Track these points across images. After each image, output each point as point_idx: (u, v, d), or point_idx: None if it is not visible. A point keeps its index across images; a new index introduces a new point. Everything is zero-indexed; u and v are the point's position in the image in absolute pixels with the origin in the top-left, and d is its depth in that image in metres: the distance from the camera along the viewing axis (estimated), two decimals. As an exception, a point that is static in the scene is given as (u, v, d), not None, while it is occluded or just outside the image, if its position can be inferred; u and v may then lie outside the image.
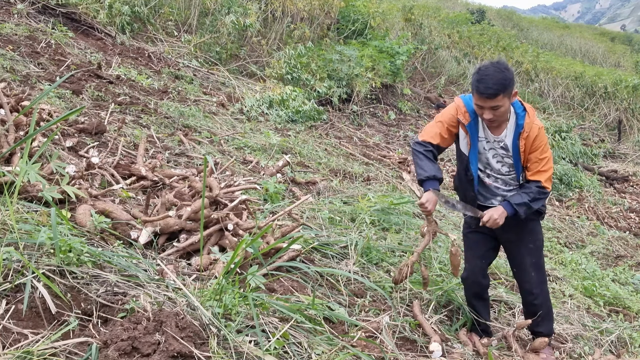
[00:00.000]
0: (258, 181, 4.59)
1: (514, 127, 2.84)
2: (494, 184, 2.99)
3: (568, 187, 9.64)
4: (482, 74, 2.67)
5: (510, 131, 2.85)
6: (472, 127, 2.89)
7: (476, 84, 2.68)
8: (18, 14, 7.58)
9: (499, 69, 2.66)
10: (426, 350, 2.77)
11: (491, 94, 2.64)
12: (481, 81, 2.65)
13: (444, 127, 2.94)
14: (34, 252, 2.18)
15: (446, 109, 3.00)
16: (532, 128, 2.80)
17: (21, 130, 3.56)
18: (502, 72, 2.65)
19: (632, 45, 31.90)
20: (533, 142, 2.81)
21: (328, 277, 3.20)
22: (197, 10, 10.59)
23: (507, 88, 2.66)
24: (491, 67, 2.67)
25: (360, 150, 8.39)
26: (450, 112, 2.94)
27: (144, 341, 1.89)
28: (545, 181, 2.86)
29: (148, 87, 7.17)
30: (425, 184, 2.85)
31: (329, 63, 10.52)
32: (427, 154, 2.90)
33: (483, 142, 2.92)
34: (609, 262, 6.21)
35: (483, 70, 2.68)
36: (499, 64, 2.68)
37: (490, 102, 2.67)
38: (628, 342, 3.63)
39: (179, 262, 2.85)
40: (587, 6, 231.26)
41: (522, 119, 2.81)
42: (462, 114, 2.89)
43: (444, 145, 2.97)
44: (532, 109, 2.85)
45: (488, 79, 2.64)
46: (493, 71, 2.65)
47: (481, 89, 2.65)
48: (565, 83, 16.44)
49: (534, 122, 2.82)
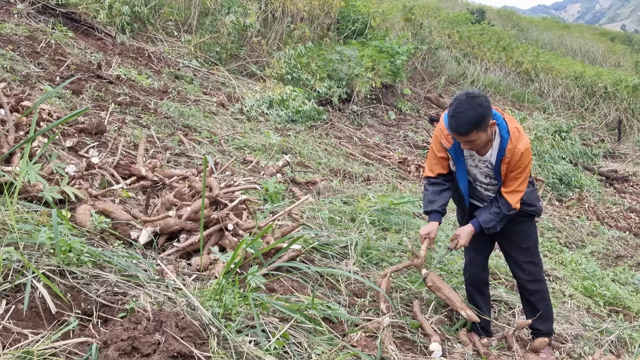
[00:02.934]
0: (258, 181, 4.59)
1: (498, 149, 2.82)
2: (485, 193, 3.06)
3: (568, 187, 9.64)
4: (455, 110, 2.60)
5: (495, 151, 2.83)
6: (456, 149, 2.90)
7: (449, 120, 2.64)
8: (18, 14, 7.58)
9: (471, 105, 2.57)
10: (426, 350, 2.77)
11: (463, 133, 2.62)
12: (453, 118, 2.61)
13: (435, 156, 3.00)
14: (34, 252, 2.18)
15: (433, 138, 3.03)
16: (514, 153, 2.76)
17: (21, 131, 3.56)
18: (474, 109, 2.57)
19: (632, 45, 31.91)
20: (515, 164, 2.80)
21: (328, 277, 3.20)
22: (197, 10, 10.59)
23: (480, 124, 2.60)
24: (465, 103, 2.59)
25: (360, 150, 8.39)
26: (435, 136, 2.98)
27: (144, 341, 1.89)
28: (516, 203, 2.90)
29: (148, 87, 7.17)
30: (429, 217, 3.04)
31: (329, 63, 10.52)
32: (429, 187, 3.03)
33: (469, 160, 2.96)
34: (609, 262, 6.21)
35: (456, 106, 2.61)
36: (474, 100, 2.58)
37: (464, 138, 2.66)
38: (628, 342, 3.63)
39: (179, 262, 2.85)
40: (587, 6, 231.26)
41: (505, 143, 2.76)
42: (444, 137, 2.88)
43: (445, 171, 3.02)
44: (517, 130, 2.77)
45: (460, 117, 2.58)
46: (466, 108, 2.57)
47: (453, 127, 2.63)
48: (565, 83, 16.44)
49: (516, 147, 2.75)
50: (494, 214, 2.91)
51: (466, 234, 2.99)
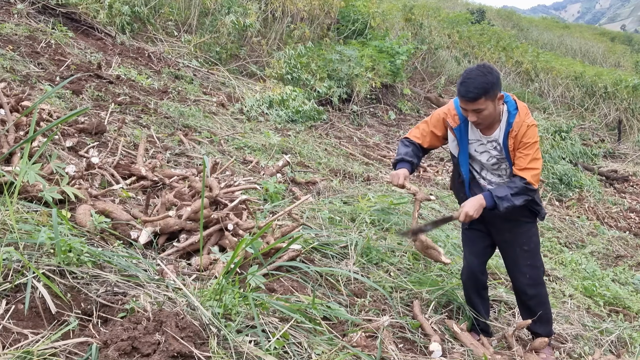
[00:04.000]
0: (258, 181, 4.59)
1: (505, 125, 2.82)
2: (488, 187, 2.97)
3: (568, 187, 9.64)
4: (465, 77, 2.66)
5: (502, 130, 2.83)
6: (462, 130, 2.89)
7: (459, 87, 2.68)
8: (18, 14, 7.58)
9: (482, 72, 2.64)
10: (426, 350, 2.77)
11: (472, 98, 2.63)
12: (463, 84, 2.65)
13: (427, 127, 2.99)
14: (34, 252, 2.18)
15: (436, 110, 3.01)
16: (522, 126, 2.77)
17: (21, 130, 3.56)
18: (484, 76, 2.63)
19: (632, 45, 31.92)
20: (521, 139, 2.78)
21: (328, 277, 3.21)
22: (197, 10, 10.59)
23: (489, 92, 2.63)
24: (475, 70, 2.67)
25: (360, 150, 8.39)
26: (439, 114, 2.96)
27: (144, 341, 1.89)
28: (531, 177, 2.77)
29: (148, 87, 7.17)
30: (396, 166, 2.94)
31: (329, 63, 10.52)
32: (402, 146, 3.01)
33: (475, 144, 2.91)
34: (609, 262, 6.21)
35: (467, 73, 2.68)
36: (484, 67, 2.67)
37: (472, 105, 2.67)
38: (628, 342, 3.62)
39: (179, 262, 2.85)
40: (587, 6, 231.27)
41: (513, 118, 2.79)
42: (451, 117, 2.90)
43: (425, 146, 3.00)
44: (525, 107, 2.83)
45: (470, 82, 2.63)
46: (476, 74, 2.64)
47: (462, 92, 2.65)
48: (565, 83, 16.44)
49: (524, 121, 2.78)
50: (509, 188, 2.77)
51: (473, 204, 2.74)
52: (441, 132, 2.96)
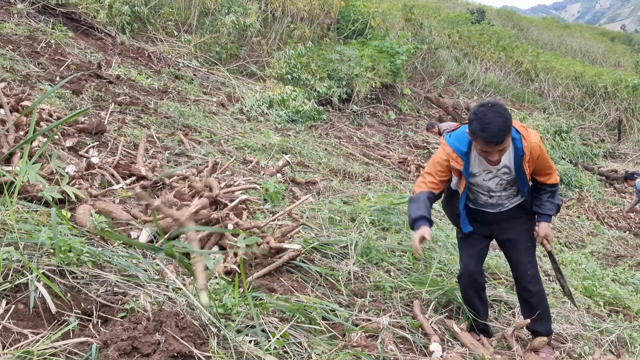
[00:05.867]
0: (258, 181, 4.59)
1: (513, 150, 2.82)
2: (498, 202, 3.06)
3: (568, 187, 9.65)
4: (484, 122, 2.56)
5: (511, 156, 2.83)
6: (466, 169, 2.86)
7: (481, 134, 2.58)
8: (18, 14, 7.58)
9: (498, 112, 2.57)
10: (426, 350, 2.77)
11: (499, 142, 2.59)
12: (485, 130, 2.56)
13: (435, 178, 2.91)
14: (34, 252, 2.18)
15: (434, 157, 2.94)
16: (532, 148, 2.79)
17: (21, 130, 3.56)
18: (502, 116, 2.57)
19: (632, 45, 31.93)
20: (537, 157, 2.83)
21: (328, 277, 3.21)
22: (197, 10, 10.59)
23: (510, 129, 2.61)
24: (490, 112, 2.57)
25: (360, 150, 8.39)
26: (441, 162, 2.89)
27: (144, 341, 1.89)
28: (555, 178, 2.98)
29: (148, 87, 7.17)
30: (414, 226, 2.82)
31: (329, 63, 10.52)
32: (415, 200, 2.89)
33: (482, 175, 2.91)
34: (609, 262, 6.21)
35: (482, 116, 2.58)
36: (497, 107, 2.59)
37: (498, 147, 2.63)
38: (628, 342, 3.62)
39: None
40: (587, 6, 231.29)
41: (520, 142, 2.78)
42: (453, 160, 2.84)
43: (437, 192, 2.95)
44: (523, 128, 2.81)
45: (493, 127, 2.55)
46: (494, 117, 2.56)
47: (487, 138, 2.57)
48: (565, 83, 16.45)
49: (531, 142, 2.78)
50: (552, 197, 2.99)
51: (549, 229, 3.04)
52: (448, 176, 2.93)
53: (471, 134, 2.65)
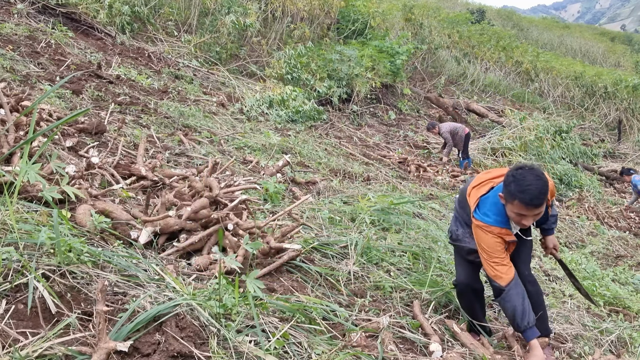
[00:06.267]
0: (258, 181, 4.59)
1: None
2: None
3: (568, 187, 9.65)
4: (523, 184, 2.54)
5: None
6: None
7: (520, 196, 2.54)
8: (18, 14, 7.58)
9: (537, 175, 2.57)
10: (426, 350, 2.76)
11: (538, 204, 2.56)
12: (526, 192, 2.53)
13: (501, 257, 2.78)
14: (34, 252, 2.18)
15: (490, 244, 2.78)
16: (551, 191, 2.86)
17: (21, 130, 3.56)
18: (541, 179, 2.57)
19: (632, 45, 31.93)
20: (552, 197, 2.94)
21: (328, 277, 3.20)
22: (197, 10, 10.60)
23: (547, 193, 2.61)
24: (528, 175, 2.56)
25: (360, 150, 8.39)
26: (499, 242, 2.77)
27: (144, 341, 1.89)
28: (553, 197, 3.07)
29: (148, 87, 7.17)
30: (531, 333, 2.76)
31: (329, 63, 10.52)
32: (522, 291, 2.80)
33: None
34: (609, 262, 6.21)
35: (521, 179, 2.55)
36: (534, 170, 2.59)
37: (536, 211, 2.60)
38: (628, 342, 3.62)
39: (179, 262, 2.85)
40: (587, 6, 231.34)
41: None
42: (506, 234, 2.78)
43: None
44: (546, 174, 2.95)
45: (532, 189, 2.53)
46: (533, 179, 2.55)
47: (527, 200, 2.54)
48: (565, 83, 16.45)
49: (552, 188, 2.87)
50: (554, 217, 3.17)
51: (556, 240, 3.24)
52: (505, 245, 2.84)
53: (508, 195, 2.59)
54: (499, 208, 2.74)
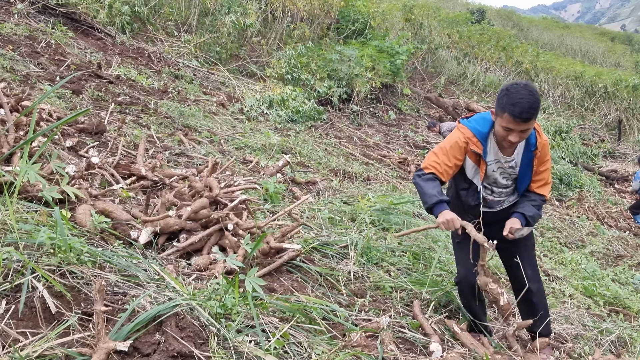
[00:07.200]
0: (258, 181, 4.59)
1: (524, 145, 2.84)
2: (497, 199, 3.02)
3: (568, 187, 9.64)
4: (515, 97, 2.57)
5: (520, 149, 2.85)
6: (485, 153, 2.84)
7: (510, 108, 2.57)
8: (18, 14, 7.58)
9: (530, 91, 2.57)
10: (425, 350, 2.76)
11: (527, 118, 2.58)
12: (516, 105, 2.56)
13: (449, 160, 2.82)
14: (34, 252, 2.18)
15: (450, 139, 2.86)
16: (544, 145, 2.84)
17: (21, 130, 3.56)
18: (534, 95, 2.59)
19: (632, 45, 31.91)
20: (544, 157, 2.87)
21: (328, 277, 3.20)
22: (197, 10, 10.60)
23: (538, 110, 2.64)
24: (522, 89, 2.58)
25: (360, 150, 8.39)
26: (459, 142, 2.82)
27: (144, 341, 1.89)
28: (549, 193, 2.96)
29: (148, 87, 7.17)
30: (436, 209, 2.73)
31: (329, 63, 10.52)
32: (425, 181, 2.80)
33: (492, 165, 2.90)
34: (609, 262, 6.21)
35: (514, 92, 2.59)
36: (529, 86, 2.61)
37: (524, 126, 2.61)
38: (628, 342, 3.62)
39: (179, 262, 2.85)
40: (587, 6, 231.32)
41: (534, 138, 2.82)
42: (474, 144, 2.81)
43: (445, 180, 2.86)
44: (539, 125, 2.87)
45: (524, 102, 2.55)
46: (525, 94, 2.56)
47: (516, 113, 2.56)
48: (565, 83, 16.45)
49: (544, 139, 2.85)
50: (536, 207, 2.90)
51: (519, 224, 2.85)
52: (462, 161, 2.87)
53: (499, 108, 2.64)
54: (485, 120, 2.81)
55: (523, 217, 2.88)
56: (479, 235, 2.65)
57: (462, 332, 3.04)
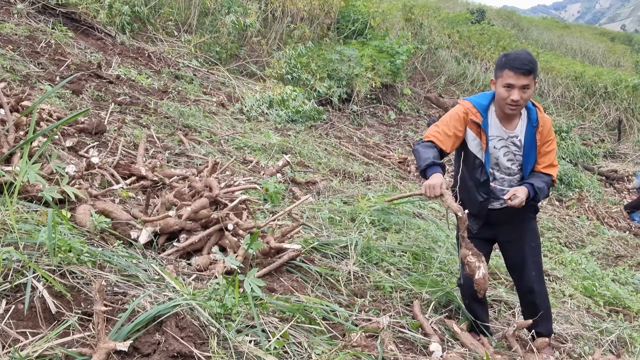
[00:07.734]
0: (258, 181, 4.59)
1: (527, 121, 2.88)
2: (499, 187, 2.96)
3: (568, 187, 9.64)
4: (514, 54, 2.74)
5: (523, 126, 2.87)
6: (486, 125, 2.86)
7: (510, 62, 2.70)
8: (18, 14, 7.58)
9: (527, 52, 2.78)
10: (425, 350, 2.76)
11: (527, 70, 2.67)
12: (516, 59, 2.70)
13: (449, 129, 2.83)
14: (34, 252, 2.18)
15: (452, 113, 2.90)
16: (545, 122, 2.88)
17: (21, 130, 3.56)
18: (531, 55, 2.75)
19: (632, 45, 31.88)
20: (547, 134, 2.89)
21: (328, 277, 3.20)
22: (197, 10, 10.59)
23: (536, 69, 2.74)
24: (520, 50, 2.80)
25: (360, 150, 8.39)
26: (458, 113, 2.86)
27: (144, 341, 1.89)
28: (555, 175, 2.96)
29: (148, 87, 7.17)
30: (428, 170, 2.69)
31: (329, 63, 10.52)
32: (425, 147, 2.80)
33: (494, 141, 2.89)
34: (609, 262, 6.21)
35: (512, 52, 2.77)
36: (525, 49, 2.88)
37: (524, 79, 2.68)
38: (628, 342, 3.62)
39: (179, 262, 2.85)
40: (587, 6, 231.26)
41: (535, 114, 2.87)
42: (473, 114, 2.84)
43: (447, 150, 2.84)
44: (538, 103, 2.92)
45: (523, 57, 2.70)
46: (524, 52, 2.76)
47: (517, 65, 2.67)
48: (565, 83, 16.44)
49: (545, 116, 2.91)
50: (545, 183, 2.87)
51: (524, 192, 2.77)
52: (462, 132, 2.88)
53: (498, 69, 2.75)
54: (485, 95, 2.91)
55: (532, 187, 2.82)
56: (453, 204, 2.57)
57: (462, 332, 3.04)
